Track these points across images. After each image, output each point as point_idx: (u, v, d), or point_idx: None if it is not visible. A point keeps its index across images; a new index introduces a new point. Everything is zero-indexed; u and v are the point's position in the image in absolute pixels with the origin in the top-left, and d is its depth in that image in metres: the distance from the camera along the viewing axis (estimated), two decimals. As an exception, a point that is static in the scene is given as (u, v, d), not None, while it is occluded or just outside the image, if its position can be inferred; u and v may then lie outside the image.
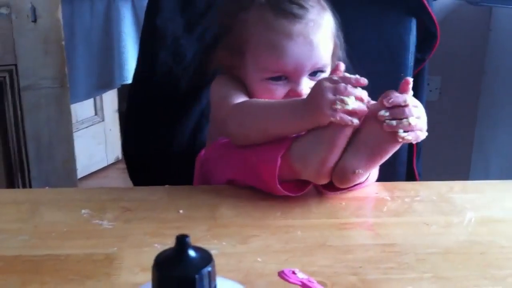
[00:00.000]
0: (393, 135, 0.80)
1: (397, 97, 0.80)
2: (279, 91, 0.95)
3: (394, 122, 0.79)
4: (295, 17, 0.93)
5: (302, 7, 0.94)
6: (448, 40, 1.74)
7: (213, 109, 1.04)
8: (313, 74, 0.96)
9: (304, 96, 0.91)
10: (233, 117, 0.92)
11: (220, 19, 1.04)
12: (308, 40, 0.93)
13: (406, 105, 0.80)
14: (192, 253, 0.40)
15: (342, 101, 0.78)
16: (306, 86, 0.95)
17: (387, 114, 0.80)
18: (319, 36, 0.94)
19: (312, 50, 0.94)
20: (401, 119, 0.79)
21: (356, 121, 0.79)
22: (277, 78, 0.95)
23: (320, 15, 0.96)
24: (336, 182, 0.84)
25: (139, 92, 1.28)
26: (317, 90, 0.81)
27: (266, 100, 0.92)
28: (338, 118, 0.78)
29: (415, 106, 0.81)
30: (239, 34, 0.98)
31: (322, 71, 0.97)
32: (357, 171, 0.82)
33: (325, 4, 0.99)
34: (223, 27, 1.02)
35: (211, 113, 1.07)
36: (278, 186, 0.83)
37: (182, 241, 0.39)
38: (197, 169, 1.02)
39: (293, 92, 0.95)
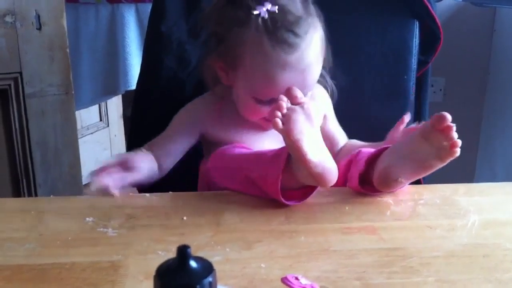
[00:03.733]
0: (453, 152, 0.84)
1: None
2: (264, 109, 0.98)
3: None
4: (290, 47, 0.93)
5: (297, 35, 0.93)
6: (452, 41, 1.74)
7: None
8: None
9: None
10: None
11: (213, 27, 1.02)
12: (301, 69, 0.94)
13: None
14: (193, 263, 0.40)
15: None
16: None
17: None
18: (312, 61, 0.95)
19: (305, 78, 0.95)
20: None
21: None
22: (266, 101, 0.97)
23: (313, 38, 0.96)
24: (378, 185, 0.89)
25: (144, 97, 1.29)
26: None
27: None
28: None
29: None
30: (233, 48, 0.97)
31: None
32: (399, 179, 0.88)
33: (316, 21, 0.98)
34: (216, 34, 1.02)
35: None
36: (283, 200, 0.85)
37: (183, 252, 0.39)
38: (201, 178, 1.02)
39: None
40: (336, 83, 1.12)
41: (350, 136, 1.19)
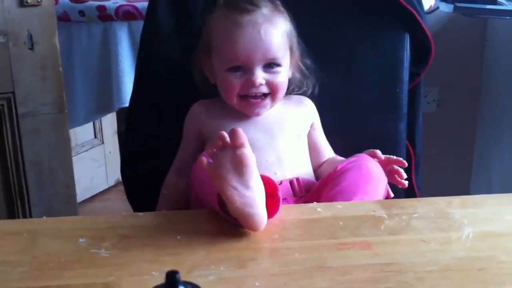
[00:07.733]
0: None
1: None
2: (236, 81, 1.04)
3: None
4: (245, 10, 1.03)
5: (253, 4, 1.04)
6: (444, 51, 1.75)
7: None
8: (268, 66, 1.04)
9: (258, 86, 1.03)
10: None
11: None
12: (257, 28, 1.02)
13: None
14: (182, 288, 0.40)
15: None
16: (260, 76, 1.03)
17: None
18: (268, 28, 1.03)
19: (261, 39, 1.02)
20: None
21: None
22: (235, 69, 1.04)
23: (272, 13, 1.05)
24: None
25: (137, 114, 1.29)
26: None
27: None
28: None
29: None
30: (206, 36, 1.10)
31: (277, 65, 1.05)
32: None
33: (282, 9, 1.08)
34: (200, 34, 1.12)
35: None
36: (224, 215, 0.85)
37: (171, 278, 0.39)
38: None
39: (249, 80, 1.03)
40: (328, 92, 1.16)
41: (344, 148, 1.19)
